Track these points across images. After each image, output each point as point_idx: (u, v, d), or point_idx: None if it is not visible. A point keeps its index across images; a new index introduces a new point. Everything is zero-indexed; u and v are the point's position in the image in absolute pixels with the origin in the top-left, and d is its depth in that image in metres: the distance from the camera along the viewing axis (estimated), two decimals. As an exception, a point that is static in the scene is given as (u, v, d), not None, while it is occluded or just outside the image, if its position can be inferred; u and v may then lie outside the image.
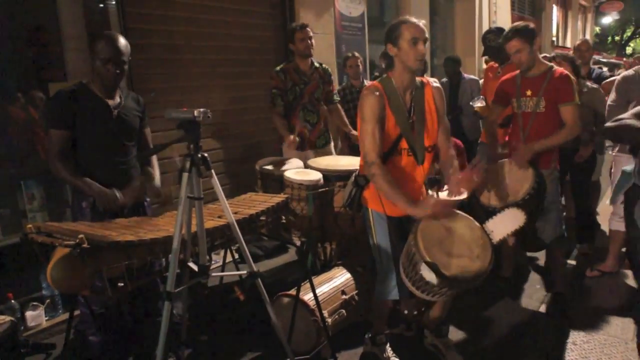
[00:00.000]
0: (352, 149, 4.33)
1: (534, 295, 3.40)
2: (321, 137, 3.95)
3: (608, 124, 2.21)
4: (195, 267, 2.14)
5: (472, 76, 5.59)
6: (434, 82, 2.46)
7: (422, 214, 2.18)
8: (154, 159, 2.73)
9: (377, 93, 2.29)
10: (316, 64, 3.89)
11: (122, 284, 1.96)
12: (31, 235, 1.94)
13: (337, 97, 4.06)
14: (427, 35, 2.28)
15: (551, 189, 3.00)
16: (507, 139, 3.31)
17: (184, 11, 4.14)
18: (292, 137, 3.60)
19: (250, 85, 4.80)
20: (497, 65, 3.72)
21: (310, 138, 3.87)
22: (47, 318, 3.13)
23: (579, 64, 3.92)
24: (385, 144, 2.32)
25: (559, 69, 2.95)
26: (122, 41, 2.44)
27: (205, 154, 2.05)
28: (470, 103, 4.08)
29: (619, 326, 3.01)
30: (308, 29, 3.75)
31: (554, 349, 2.82)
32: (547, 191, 2.98)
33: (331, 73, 4.01)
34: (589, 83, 3.98)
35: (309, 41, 3.73)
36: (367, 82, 4.19)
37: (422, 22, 2.30)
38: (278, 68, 3.82)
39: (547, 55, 4.19)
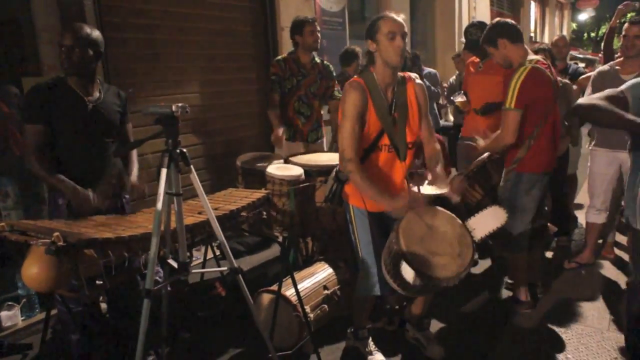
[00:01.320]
0: None
1: (513, 288, 3.44)
2: (314, 131, 3.95)
3: (580, 101, 2.20)
4: (175, 264, 2.11)
5: (431, 70, 5.66)
6: (416, 78, 2.46)
7: (400, 209, 2.18)
8: (134, 154, 2.68)
9: (360, 88, 2.28)
10: (317, 60, 3.91)
11: (101, 282, 1.92)
12: (4, 234, 1.89)
13: (338, 94, 4.02)
14: (405, 29, 2.27)
15: (501, 187, 2.92)
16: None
17: (161, 4, 4.07)
18: (280, 130, 3.60)
19: (230, 80, 4.76)
20: (478, 60, 3.74)
21: (303, 130, 3.86)
22: (23, 318, 3.07)
23: (555, 60, 3.98)
24: (366, 140, 2.32)
25: (519, 69, 2.76)
26: (84, 29, 2.38)
27: (184, 150, 2.03)
28: (452, 97, 4.11)
29: (595, 316, 3.07)
30: (317, 23, 3.78)
31: (532, 340, 2.87)
32: (500, 187, 2.94)
33: (332, 70, 4.00)
34: (559, 78, 4.04)
35: (317, 34, 3.76)
36: None
37: (401, 17, 2.29)
38: (279, 57, 3.87)
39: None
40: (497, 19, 3.05)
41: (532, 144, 2.80)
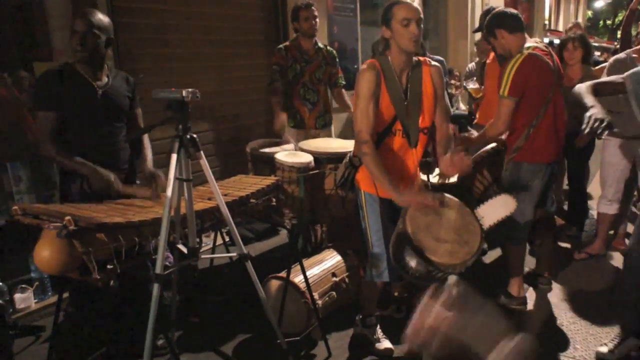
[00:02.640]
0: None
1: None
2: (320, 117, 3.92)
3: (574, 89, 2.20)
4: (184, 249, 2.13)
5: (438, 57, 5.56)
6: (432, 62, 2.43)
7: (405, 203, 2.17)
8: (146, 139, 2.68)
9: (375, 70, 2.26)
10: (320, 45, 3.87)
11: (111, 266, 1.94)
12: (17, 217, 1.91)
13: (342, 81, 4.01)
14: (421, 15, 2.24)
15: (504, 177, 2.86)
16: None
17: (172, -10, 4.06)
18: (283, 115, 3.56)
19: (241, 66, 4.75)
20: None
21: (310, 117, 3.84)
22: (36, 300, 3.11)
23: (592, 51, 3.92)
24: (380, 124, 2.30)
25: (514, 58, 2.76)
26: (97, 15, 2.38)
27: (195, 135, 2.03)
28: (464, 84, 4.08)
29: (605, 307, 3.05)
30: (313, 8, 3.71)
31: (541, 330, 2.86)
32: (502, 177, 2.89)
33: (336, 56, 3.97)
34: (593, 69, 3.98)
35: (313, 21, 3.70)
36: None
37: (416, 2, 2.26)
38: (281, 45, 3.82)
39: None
40: (497, 9, 3.01)
41: (531, 132, 2.75)
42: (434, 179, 2.95)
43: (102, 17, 2.40)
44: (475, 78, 3.84)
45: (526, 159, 2.80)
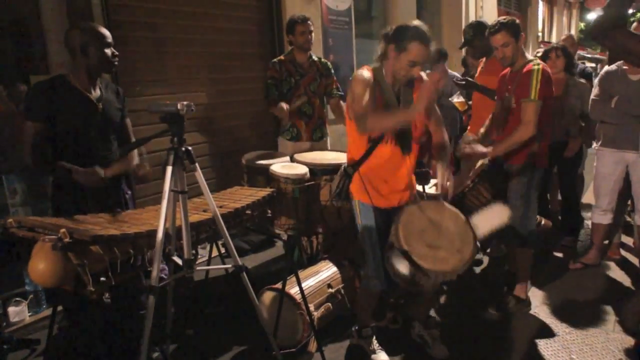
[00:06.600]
0: None
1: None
2: (317, 130, 3.93)
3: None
4: (179, 261, 2.13)
5: (455, 73, 5.57)
6: (423, 74, 2.46)
7: (424, 104, 2.08)
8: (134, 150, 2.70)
9: (369, 75, 2.30)
10: (315, 58, 3.89)
11: (106, 279, 1.94)
12: (12, 230, 1.91)
13: (337, 92, 4.00)
14: (427, 58, 2.26)
15: (516, 183, 2.95)
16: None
17: (168, 3, 4.09)
18: (283, 104, 3.57)
19: (236, 78, 4.77)
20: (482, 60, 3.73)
21: (306, 130, 3.86)
22: (30, 314, 3.09)
23: (575, 62, 3.98)
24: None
25: (529, 65, 2.85)
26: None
27: (190, 148, 2.04)
28: (449, 99, 4.13)
29: (601, 317, 3.06)
30: (309, 22, 3.73)
31: (537, 341, 2.86)
32: (512, 184, 2.96)
33: (330, 67, 3.99)
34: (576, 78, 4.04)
35: (309, 35, 3.73)
36: None
37: (431, 45, 2.24)
38: (275, 59, 3.84)
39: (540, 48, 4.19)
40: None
41: (541, 139, 2.90)
42: (429, 189, 2.98)
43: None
44: (459, 92, 3.88)
45: (539, 164, 2.97)
